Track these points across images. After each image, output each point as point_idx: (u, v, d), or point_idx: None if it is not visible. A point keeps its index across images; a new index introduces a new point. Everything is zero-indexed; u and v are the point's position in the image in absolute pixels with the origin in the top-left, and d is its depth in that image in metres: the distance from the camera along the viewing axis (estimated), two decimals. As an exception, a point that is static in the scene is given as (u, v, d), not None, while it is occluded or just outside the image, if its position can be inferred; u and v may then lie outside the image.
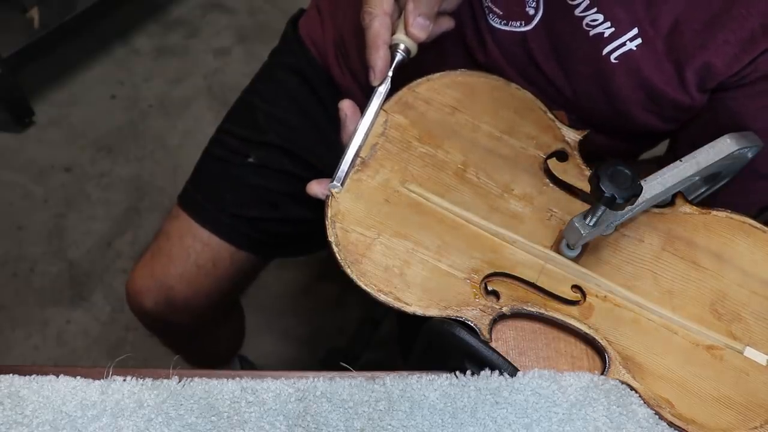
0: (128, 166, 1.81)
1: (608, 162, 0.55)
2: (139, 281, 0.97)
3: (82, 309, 1.59)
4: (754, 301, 0.64)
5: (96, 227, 1.71)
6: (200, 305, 1.00)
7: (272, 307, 1.63)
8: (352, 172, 0.65)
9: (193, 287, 0.97)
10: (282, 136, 0.97)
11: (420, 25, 0.64)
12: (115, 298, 1.60)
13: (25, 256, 1.65)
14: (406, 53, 0.65)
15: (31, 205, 1.72)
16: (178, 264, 0.96)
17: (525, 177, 0.66)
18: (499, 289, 0.61)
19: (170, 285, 0.96)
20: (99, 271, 1.64)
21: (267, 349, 1.58)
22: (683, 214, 0.67)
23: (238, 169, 0.98)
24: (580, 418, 0.56)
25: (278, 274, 1.65)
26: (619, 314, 0.62)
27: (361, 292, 0.61)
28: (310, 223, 1.00)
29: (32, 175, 1.77)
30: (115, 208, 1.74)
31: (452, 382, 0.57)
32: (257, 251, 1.01)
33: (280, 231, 1.01)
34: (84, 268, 1.65)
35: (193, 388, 0.56)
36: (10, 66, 1.67)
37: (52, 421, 0.54)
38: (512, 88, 0.70)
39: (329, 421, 0.55)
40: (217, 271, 0.98)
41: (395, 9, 0.65)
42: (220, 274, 0.98)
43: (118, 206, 1.74)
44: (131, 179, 1.79)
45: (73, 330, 1.57)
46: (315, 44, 1.00)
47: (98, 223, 1.71)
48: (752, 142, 0.68)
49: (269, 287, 1.64)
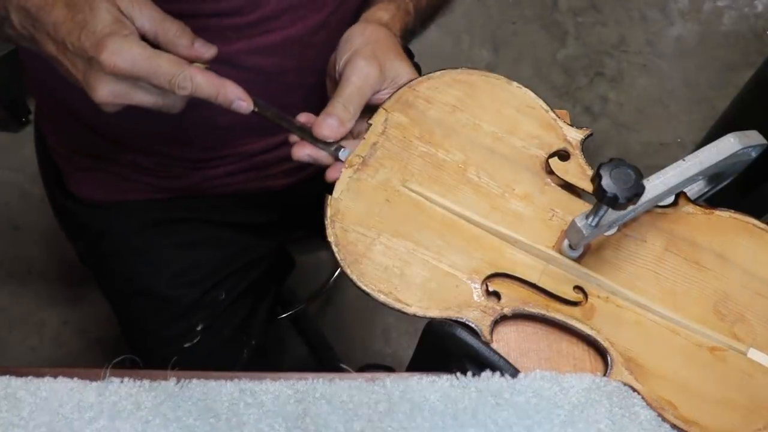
0: (126, 166, 1.81)
1: (611, 161, 0.55)
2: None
3: (79, 310, 1.59)
4: (758, 302, 0.63)
5: (93, 227, 1.70)
6: None
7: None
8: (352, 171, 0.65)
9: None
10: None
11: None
12: (112, 298, 1.59)
13: (21, 256, 1.65)
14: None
15: (28, 205, 1.72)
16: None
17: (526, 176, 0.66)
18: (501, 290, 0.61)
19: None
20: (96, 271, 1.63)
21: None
22: (686, 214, 0.66)
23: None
24: (582, 420, 0.55)
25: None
26: (622, 315, 0.62)
27: (361, 292, 0.60)
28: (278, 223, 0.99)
29: (29, 174, 1.76)
30: (113, 208, 1.73)
31: (453, 384, 0.57)
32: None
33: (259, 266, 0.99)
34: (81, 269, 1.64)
35: (191, 389, 0.56)
36: (7, 64, 1.67)
37: (49, 423, 0.53)
38: (513, 87, 0.69)
39: (329, 422, 0.54)
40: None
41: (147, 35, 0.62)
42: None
43: (115, 206, 1.74)
44: (129, 179, 1.78)
45: (70, 331, 1.57)
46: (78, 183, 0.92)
47: (96, 224, 1.71)
48: (756, 141, 0.67)
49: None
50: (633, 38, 2.05)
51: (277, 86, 0.78)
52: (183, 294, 0.90)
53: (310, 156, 0.66)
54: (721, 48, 2.05)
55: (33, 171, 1.75)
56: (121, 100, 0.60)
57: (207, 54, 0.63)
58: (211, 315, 0.91)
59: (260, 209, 0.96)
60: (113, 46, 0.57)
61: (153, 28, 0.61)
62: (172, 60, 0.60)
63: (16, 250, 1.65)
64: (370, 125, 0.67)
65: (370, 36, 0.68)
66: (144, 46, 0.59)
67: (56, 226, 1.00)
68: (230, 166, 0.87)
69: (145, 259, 0.91)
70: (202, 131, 0.81)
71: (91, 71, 0.58)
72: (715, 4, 2.11)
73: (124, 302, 0.95)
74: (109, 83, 0.59)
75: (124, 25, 0.59)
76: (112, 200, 0.90)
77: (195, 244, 0.92)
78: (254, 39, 0.74)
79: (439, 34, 2.00)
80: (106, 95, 0.59)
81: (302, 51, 0.77)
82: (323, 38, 0.77)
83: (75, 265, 1.62)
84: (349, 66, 0.66)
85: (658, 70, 2.01)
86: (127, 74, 0.58)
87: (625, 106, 1.96)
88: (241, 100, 0.63)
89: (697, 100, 1.96)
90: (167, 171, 0.87)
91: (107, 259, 0.94)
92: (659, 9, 2.10)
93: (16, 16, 0.61)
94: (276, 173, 0.90)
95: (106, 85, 0.59)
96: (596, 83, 1.99)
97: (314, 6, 0.75)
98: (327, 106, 0.66)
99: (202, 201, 0.91)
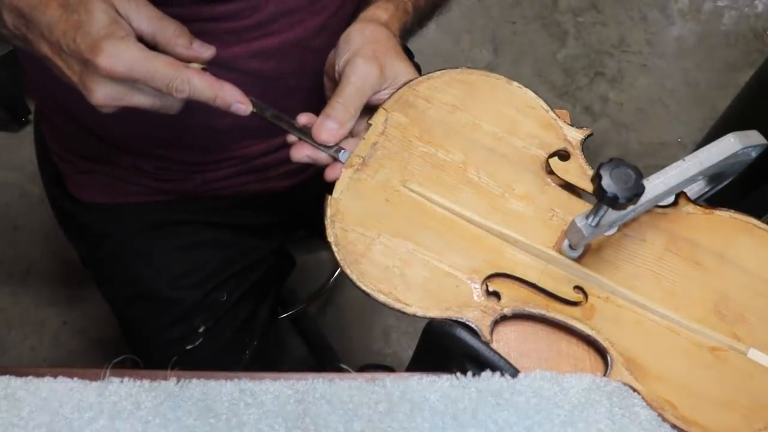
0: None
1: (611, 161, 0.55)
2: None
3: (78, 310, 1.59)
4: (758, 302, 0.63)
5: (93, 227, 1.70)
6: None
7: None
8: (353, 171, 0.64)
9: None
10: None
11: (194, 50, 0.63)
12: (112, 298, 1.59)
13: (21, 256, 1.64)
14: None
15: (28, 205, 1.72)
16: None
17: (526, 176, 0.66)
18: (501, 290, 0.61)
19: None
20: (96, 271, 1.63)
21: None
22: (686, 214, 0.66)
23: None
24: (582, 420, 0.55)
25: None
26: (622, 315, 0.62)
27: (361, 292, 0.60)
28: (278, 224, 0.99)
29: (29, 174, 1.76)
30: (113, 208, 1.73)
31: (453, 384, 0.57)
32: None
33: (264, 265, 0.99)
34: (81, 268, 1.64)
35: (191, 389, 0.56)
36: (7, 64, 1.67)
37: (49, 423, 0.53)
38: (513, 87, 0.69)
39: (329, 423, 0.54)
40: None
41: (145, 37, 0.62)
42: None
43: (115, 206, 1.74)
44: (129, 179, 1.78)
45: (70, 331, 1.57)
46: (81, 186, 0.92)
47: (95, 224, 1.70)
48: (756, 141, 0.67)
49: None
50: (633, 38, 2.05)
51: (276, 89, 0.78)
52: (184, 296, 0.90)
53: (309, 157, 0.66)
54: (721, 48, 2.05)
55: (33, 171, 1.75)
56: (118, 103, 0.60)
57: (206, 54, 0.63)
58: (212, 317, 0.90)
59: (261, 211, 0.96)
60: (110, 49, 0.56)
61: (150, 28, 0.60)
62: (170, 62, 0.59)
63: (16, 250, 1.65)
64: (370, 125, 0.67)
65: (369, 36, 0.68)
66: (141, 49, 0.58)
67: (56, 226, 1.00)
68: (230, 169, 0.87)
69: (146, 262, 0.91)
70: (202, 134, 0.81)
71: (88, 73, 0.58)
72: (715, 4, 2.11)
73: (126, 305, 0.95)
74: (106, 86, 0.58)
75: (121, 26, 0.58)
76: (112, 202, 0.90)
77: (196, 246, 0.92)
78: (252, 43, 0.74)
79: (439, 34, 2.00)
80: (103, 98, 0.59)
81: (301, 54, 0.77)
82: (322, 41, 0.76)
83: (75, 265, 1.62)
84: (348, 66, 0.66)
85: (658, 70, 2.01)
86: (124, 77, 0.57)
87: (625, 106, 1.95)
88: (240, 103, 0.63)
89: (697, 100, 1.96)
90: (167, 174, 0.87)
91: (108, 262, 0.93)
92: (659, 9, 2.10)
93: (9, 16, 0.60)
94: (276, 175, 0.90)
95: (102, 87, 0.58)
96: (596, 83, 1.98)
97: (313, 9, 0.75)
98: (326, 106, 0.66)
99: (202, 203, 0.91)
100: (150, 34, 0.61)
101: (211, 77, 0.62)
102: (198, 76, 0.60)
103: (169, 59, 0.59)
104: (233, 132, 0.82)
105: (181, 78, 0.59)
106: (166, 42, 0.61)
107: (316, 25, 0.76)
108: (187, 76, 0.59)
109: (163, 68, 0.58)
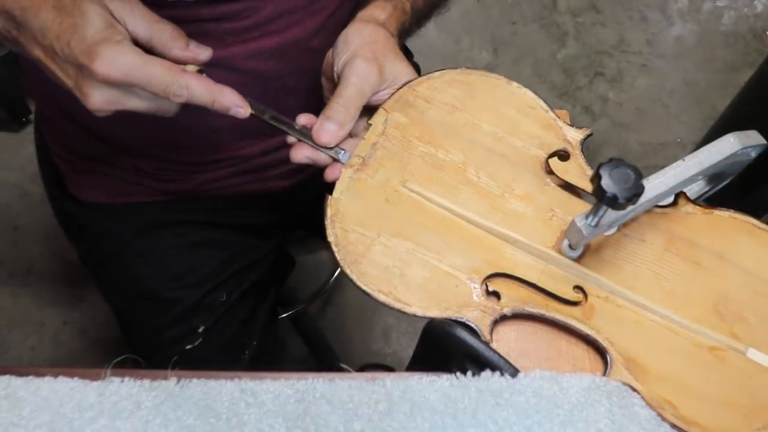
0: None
1: (610, 161, 0.55)
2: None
3: (79, 310, 1.59)
4: (757, 302, 0.63)
5: (93, 227, 1.70)
6: None
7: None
8: (353, 171, 0.65)
9: None
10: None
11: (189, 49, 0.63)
12: (112, 298, 1.59)
13: (22, 256, 1.65)
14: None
15: (28, 205, 1.72)
16: None
17: (526, 176, 0.66)
18: (500, 290, 0.61)
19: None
20: (96, 271, 1.63)
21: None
22: (686, 214, 0.66)
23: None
24: (582, 420, 0.55)
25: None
26: (621, 315, 0.62)
27: (361, 292, 0.60)
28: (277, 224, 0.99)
29: (30, 174, 1.76)
30: (113, 209, 1.73)
31: (453, 384, 0.57)
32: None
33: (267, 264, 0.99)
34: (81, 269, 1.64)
35: (191, 389, 0.56)
36: (7, 64, 1.67)
37: (50, 423, 0.53)
38: (513, 87, 0.69)
39: (329, 422, 0.54)
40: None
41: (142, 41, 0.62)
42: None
43: (115, 206, 1.74)
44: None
45: (70, 331, 1.57)
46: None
47: (96, 224, 1.71)
48: (756, 141, 0.68)
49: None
50: (633, 38, 2.05)
51: (275, 89, 0.78)
52: (184, 296, 0.90)
53: (309, 158, 0.66)
54: (721, 48, 2.05)
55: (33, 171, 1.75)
56: (114, 107, 0.59)
57: (202, 56, 0.63)
58: (212, 316, 0.90)
59: (260, 211, 0.96)
60: (106, 54, 0.56)
61: (146, 31, 0.60)
62: (167, 67, 0.58)
63: (16, 250, 1.65)
64: (370, 125, 0.67)
65: (368, 36, 0.68)
66: (137, 53, 0.57)
67: (56, 226, 1.00)
68: (229, 169, 0.87)
69: (146, 262, 0.91)
70: (200, 135, 0.81)
71: (83, 78, 0.57)
72: (714, 4, 2.11)
73: (125, 305, 0.95)
74: (102, 90, 0.57)
75: (116, 30, 0.57)
76: (112, 202, 0.90)
77: (195, 245, 0.92)
78: (251, 43, 0.74)
79: (438, 34, 2.01)
80: (99, 102, 0.58)
81: (300, 54, 0.77)
82: (321, 41, 0.76)
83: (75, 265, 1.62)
84: (348, 67, 0.66)
85: (658, 70, 2.01)
86: (121, 83, 0.57)
87: (624, 106, 1.96)
88: (238, 107, 0.63)
89: (697, 100, 1.96)
90: (167, 174, 0.87)
91: (108, 262, 0.93)
92: (659, 9, 2.10)
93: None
94: (275, 175, 0.90)
95: (98, 92, 0.57)
96: (596, 83, 1.99)
97: (312, 9, 0.75)
98: (326, 107, 0.66)
99: (202, 203, 0.91)
100: (146, 37, 0.60)
101: (209, 81, 0.61)
102: (196, 81, 0.60)
103: (166, 63, 0.59)
104: (232, 132, 0.82)
105: (179, 83, 0.58)
106: (162, 45, 0.61)
107: (315, 25, 0.76)
108: (185, 80, 0.59)
109: (160, 73, 0.58)
